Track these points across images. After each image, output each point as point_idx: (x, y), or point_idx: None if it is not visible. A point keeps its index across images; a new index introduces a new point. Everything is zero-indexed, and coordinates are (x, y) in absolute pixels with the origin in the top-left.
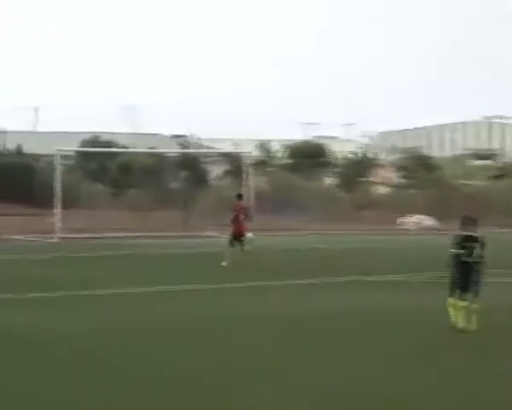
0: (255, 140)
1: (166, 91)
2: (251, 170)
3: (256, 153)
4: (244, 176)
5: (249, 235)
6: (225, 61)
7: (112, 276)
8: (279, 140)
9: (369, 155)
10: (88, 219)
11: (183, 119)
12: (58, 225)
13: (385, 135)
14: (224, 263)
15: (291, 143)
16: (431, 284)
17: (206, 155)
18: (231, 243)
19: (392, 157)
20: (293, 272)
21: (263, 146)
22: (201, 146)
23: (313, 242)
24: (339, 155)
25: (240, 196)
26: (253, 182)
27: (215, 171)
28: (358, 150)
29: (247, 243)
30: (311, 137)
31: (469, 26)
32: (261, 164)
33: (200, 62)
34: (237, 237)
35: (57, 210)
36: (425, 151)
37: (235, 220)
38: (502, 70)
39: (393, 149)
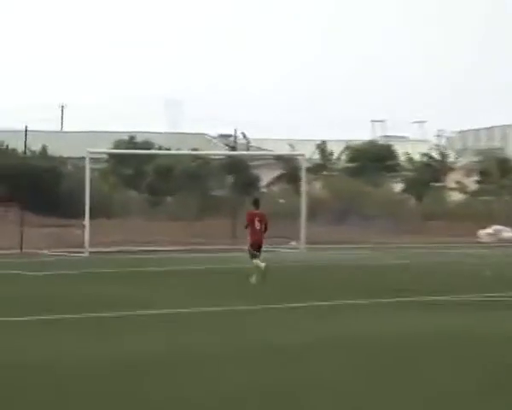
0: (312, 140)
1: (212, 85)
2: (307, 174)
3: (314, 155)
4: (300, 181)
5: (293, 243)
6: (276, 51)
7: (149, 295)
8: (340, 140)
9: (444, 157)
10: (122, 231)
11: (229, 116)
12: (88, 237)
13: (463, 134)
14: (252, 279)
15: (354, 143)
16: (505, 305)
17: (256, 158)
18: (253, 255)
19: (465, 159)
20: (352, 291)
21: (321, 147)
22: (251, 147)
23: (378, 257)
24: (408, 157)
25: (256, 203)
26: (310, 188)
27: (267, 176)
28: (433, 152)
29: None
30: (376, 137)
31: None
32: (319, 168)
33: (248, 52)
34: (255, 247)
35: (87, 221)
36: (504, 153)
37: (252, 230)
38: None
39: (465, 151)
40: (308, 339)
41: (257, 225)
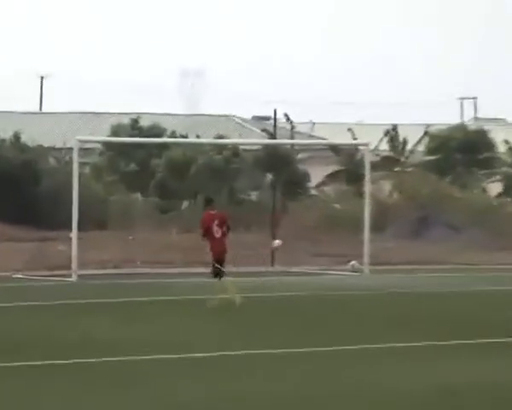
0: (379, 125)
1: (243, 50)
2: (372, 171)
3: (381, 144)
4: (363, 181)
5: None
6: (329, 7)
7: (157, 334)
8: (416, 124)
9: None
10: (121, 247)
11: (267, 92)
12: (76, 255)
13: None
14: (209, 304)
15: (435, 128)
16: None
17: (303, 149)
18: (216, 272)
19: None
20: (443, 330)
21: (391, 134)
22: (297, 134)
23: (467, 282)
24: (509, 148)
25: (209, 202)
26: (376, 189)
27: (318, 173)
28: None
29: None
30: (466, 120)
31: None
32: (389, 162)
33: (291, 3)
34: (219, 261)
35: (74, 233)
36: None
37: (211, 239)
38: None
39: None
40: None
41: (216, 231)
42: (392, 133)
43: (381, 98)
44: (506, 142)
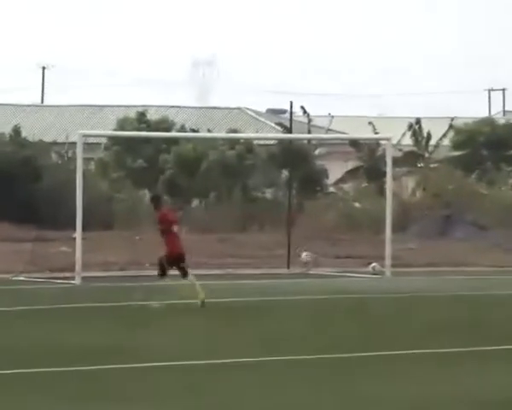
0: (402, 118)
1: (257, 38)
2: (394, 167)
3: (404, 139)
4: (384, 178)
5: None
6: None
7: (169, 341)
8: (441, 117)
9: None
10: (128, 248)
11: (282, 83)
12: (80, 256)
13: None
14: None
15: (461, 122)
16: None
17: (321, 144)
18: (163, 272)
19: None
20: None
21: (415, 128)
22: (314, 128)
23: (495, 285)
24: None
25: (157, 200)
26: (399, 186)
27: (336, 169)
28: None
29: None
30: (495, 114)
31: None
32: (412, 157)
33: None
34: (175, 261)
35: (78, 233)
36: None
37: (169, 236)
38: None
39: None
40: None
41: (176, 229)
42: (415, 127)
43: (403, 90)
44: None
